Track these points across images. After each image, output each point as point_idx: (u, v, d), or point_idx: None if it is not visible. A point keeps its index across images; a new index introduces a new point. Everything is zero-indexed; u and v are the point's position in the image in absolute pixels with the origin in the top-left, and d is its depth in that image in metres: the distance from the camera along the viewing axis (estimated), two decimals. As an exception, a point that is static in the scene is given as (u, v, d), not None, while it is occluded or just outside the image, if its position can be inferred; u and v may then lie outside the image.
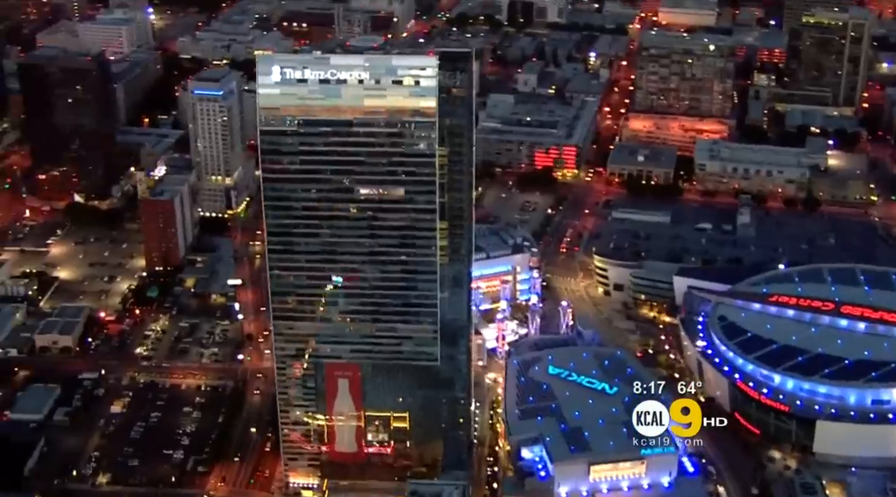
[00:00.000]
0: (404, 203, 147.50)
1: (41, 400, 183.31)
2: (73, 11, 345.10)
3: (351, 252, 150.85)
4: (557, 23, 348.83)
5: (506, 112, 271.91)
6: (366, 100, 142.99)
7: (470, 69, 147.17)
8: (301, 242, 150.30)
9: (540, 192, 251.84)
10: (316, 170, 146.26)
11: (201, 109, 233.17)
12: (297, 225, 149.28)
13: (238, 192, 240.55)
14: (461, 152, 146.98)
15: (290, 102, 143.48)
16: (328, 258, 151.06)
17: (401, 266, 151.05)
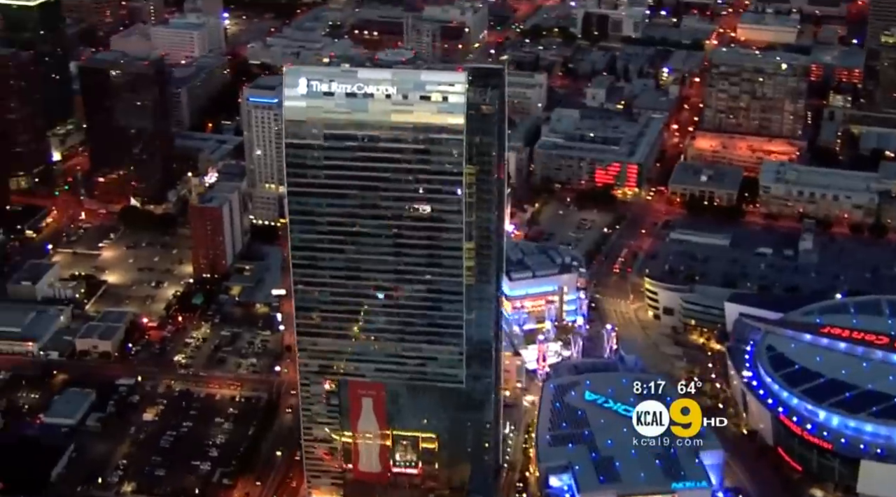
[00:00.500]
0: (430, 221, 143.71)
1: (76, 404, 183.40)
2: (149, 15, 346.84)
3: (376, 269, 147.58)
4: (632, 37, 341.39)
5: (569, 127, 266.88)
6: (393, 115, 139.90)
7: (502, 86, 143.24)
8: (326, 258, 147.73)
9: (598, 209, 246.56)
10: (341, 185, 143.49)
11: (256, 117, 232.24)
12: (322, 240, 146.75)
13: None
14: (490, 171, 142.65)
15: (316, 115, 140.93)
16: (352, 275, 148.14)
17: (426, 285, 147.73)
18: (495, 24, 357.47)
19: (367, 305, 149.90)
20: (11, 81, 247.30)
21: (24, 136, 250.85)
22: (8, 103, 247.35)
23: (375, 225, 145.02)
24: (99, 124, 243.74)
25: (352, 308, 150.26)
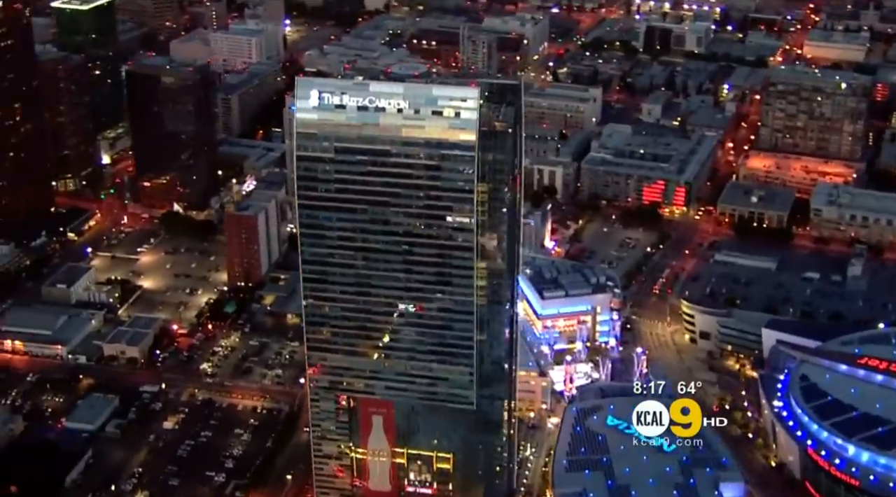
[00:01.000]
0: (441, 239, 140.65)
1: (98, 410, 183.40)
2: (210, 20, 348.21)
3: (386, 286, 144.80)
4: (695, 52, 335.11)
5: (620, 143, 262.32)
6: (404, 130, 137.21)
7: (518, 103, 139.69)
8: (336, 273, 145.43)
9: (643, 228, 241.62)
10: (351, 199, 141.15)
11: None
12: (332, 255, 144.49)
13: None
14: (503, 190, 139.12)
15: (327, 128, 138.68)
16: (363, 291, 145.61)
17: (436, 304, 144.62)
18: (557, 36, 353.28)
19: (376, 322, 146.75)
20: (61, 84, 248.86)
21: (72, 138, 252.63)
22: (57, 106, 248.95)
23: (386, 241, 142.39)
24: (144, 129, 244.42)
25: (362, 324, 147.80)
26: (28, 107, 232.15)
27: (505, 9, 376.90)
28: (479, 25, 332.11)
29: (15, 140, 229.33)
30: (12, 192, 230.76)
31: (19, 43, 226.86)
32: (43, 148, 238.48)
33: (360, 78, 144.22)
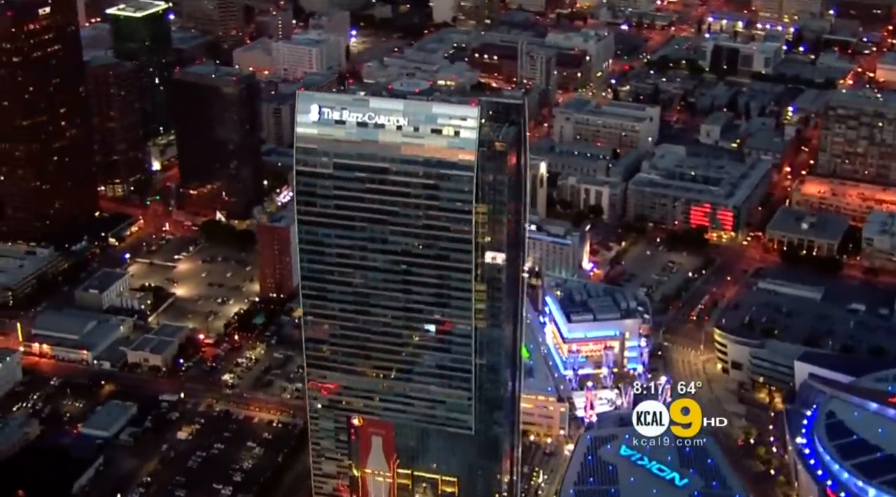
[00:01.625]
0: (439, 259, 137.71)
1: (114, 417, 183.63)
2: (276, 30, 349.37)
3: (384, 305, 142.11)
4: (762, 73, 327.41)
5: (671, 164, 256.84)
6: (403, 147, 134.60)
7: (522, 122, 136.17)
8: (335, 290, 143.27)
9: (688, 252, 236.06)
10: (350, 216, 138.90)
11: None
12: (331, 272, 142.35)
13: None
14: (502, 211, 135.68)
15: (326, 143, 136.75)
16: (361, 309, 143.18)
17: (434, 326, 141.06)
18: (623, 54, 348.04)
19: (376, 342, 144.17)
20: (112, 90, 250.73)
21: (122, 144, 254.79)
22: (107, 112, 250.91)
23: (384, 259, 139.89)
24: (189, 137, 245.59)
25: (360, 344, 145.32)
26: (74, 112, 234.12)
27: (573, 24, 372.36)
28: (539, 40, 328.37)
29: (60, 144, 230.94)
30: (56, 196, 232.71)
31: (67, 48, 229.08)
32: (89, 153, 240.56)
33: (362, 93, 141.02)
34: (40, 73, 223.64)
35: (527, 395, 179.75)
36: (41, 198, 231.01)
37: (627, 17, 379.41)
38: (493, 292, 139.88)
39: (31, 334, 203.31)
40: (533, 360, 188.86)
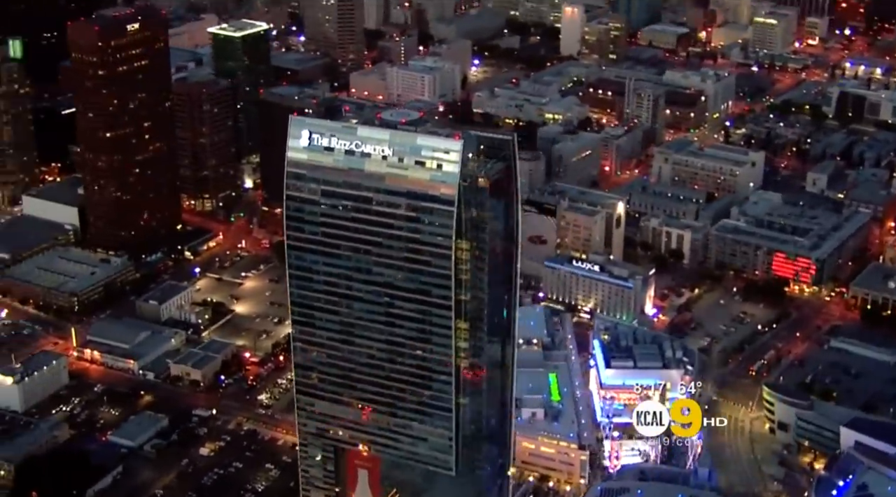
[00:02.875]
0: (420, 294, 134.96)
1: (144, 427, 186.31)
2: (398, 56, 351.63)
3: (368, 337, 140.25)
4: (888, 122, 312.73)
5: (761, 211, 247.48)
6: (388, 178, 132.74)
7: (511, 158, 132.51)
8: (322, 318, 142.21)
9: (764, 303, 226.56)
10: (336, 244, 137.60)
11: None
12: (319, 299, 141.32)
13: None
14: (484, 248, 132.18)
15: (315, 169, 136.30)
16: (347, 339, 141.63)
17: (416, 360, 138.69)
18: (746, 96, 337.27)
19: (360, 373, 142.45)
20: (204, 107, 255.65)
21: (212, 160, 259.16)
22: (199, 128, 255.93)
23: (368, 290, 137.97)
24: (272, 156, 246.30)
25: (346, 373, 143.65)
26: (159, 126, 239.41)
27: (702, 63, 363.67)
28: (657, 78, 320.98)
29: (143, 157, 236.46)
30: (137, 207, 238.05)
31: (154, 64, 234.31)
32: (173, 167, 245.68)
33: (354, 121, 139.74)
34: (125, 87, 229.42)
35: (549, 439, 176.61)
36: (122, 208, 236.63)
37: (760, 59, 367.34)
38: (475, 331, 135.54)
39: (85, 340, 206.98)
40: (563, 403, 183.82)
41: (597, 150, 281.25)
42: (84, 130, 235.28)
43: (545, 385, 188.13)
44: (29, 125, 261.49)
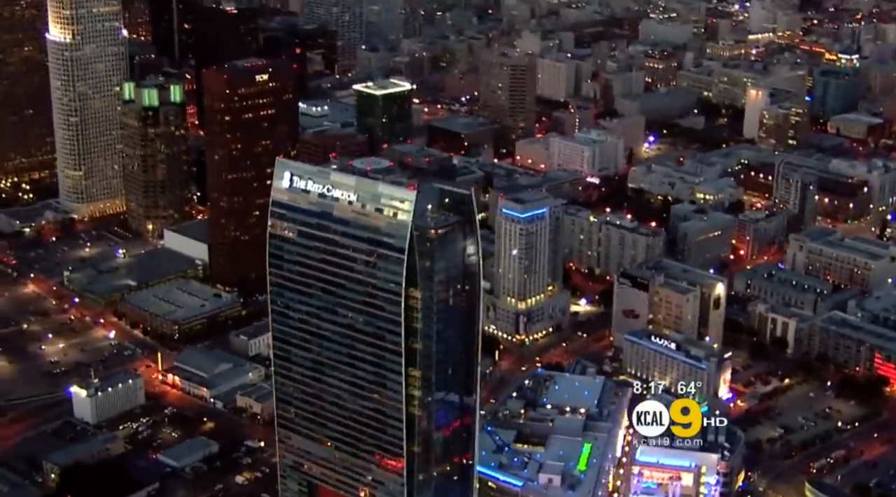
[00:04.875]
0: (376, 338, 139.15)
1: (193, 451, 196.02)
2: (571, 127, 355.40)
3: (335, 376, 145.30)
4: None
5: (879, 307, 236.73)
6: (352, 222, 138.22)
7: (470, 213, 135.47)
8: (297, 354, 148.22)
9: (856, 401, 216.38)
10: (309, 283, 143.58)
11: (506, 228, 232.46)
12: (294, 335, 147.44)
13: (531, 320, 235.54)
14: (438, 298, 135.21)
15: (293, 210, 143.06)
16: (316, 376, 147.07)
17: (374, 403, 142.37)
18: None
19: (328, 411, 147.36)
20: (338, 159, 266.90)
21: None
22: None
23: (333, 331, 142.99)
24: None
25: (317, 410, 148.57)
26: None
27: (892, 156, 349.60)
28: (812, 163, 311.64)
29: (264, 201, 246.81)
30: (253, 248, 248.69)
31: (281, 113, 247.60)
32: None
33: (333, 167, 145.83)
34: (250, 132, 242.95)
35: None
36: (241, 248, 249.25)
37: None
38: (425, 382, 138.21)
39: (171, 366, 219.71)
40: (586, 474, 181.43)
41: (728, 231, 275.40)
42: (211, 171, 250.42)
43: (577, 454, 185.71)
44: (182, 165, 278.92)
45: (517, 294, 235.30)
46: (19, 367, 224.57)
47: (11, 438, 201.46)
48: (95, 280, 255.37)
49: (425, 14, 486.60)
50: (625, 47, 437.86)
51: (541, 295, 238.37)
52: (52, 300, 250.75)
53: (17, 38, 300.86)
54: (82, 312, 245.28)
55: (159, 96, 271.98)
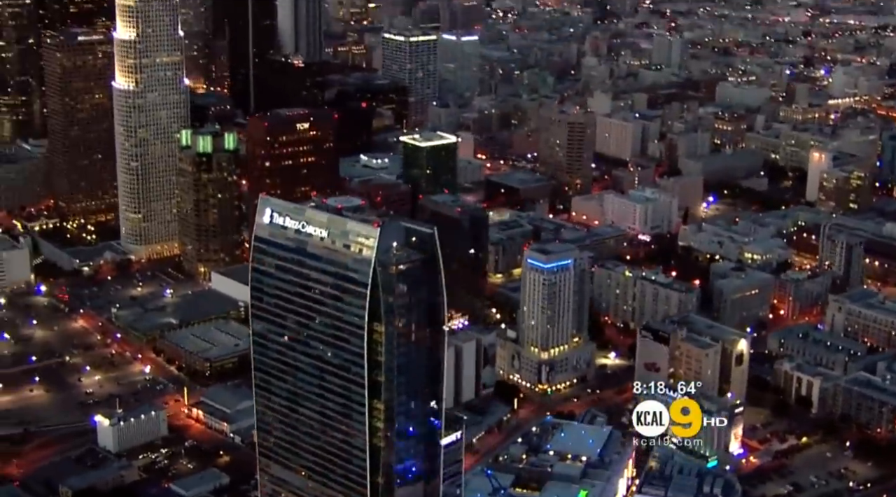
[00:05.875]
0: (342, 370, 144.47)
1: (204, 482, 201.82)
2: (630, 185, 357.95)
3: (307, 406, 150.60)
4: None
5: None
6: (323, 258, 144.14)
7: (434, 250, 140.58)
8: (275, 383, 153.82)
9: (874, 462, 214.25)
10: (284, 315, 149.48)
11: (530, 278, 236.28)
12: (273, 366, 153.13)
13: (554, 370, 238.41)
14: (401, 334, 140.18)
15: (273, 245, 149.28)
16: (292, 407, 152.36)
17: (342, 435, 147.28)
18: None
19: (302, 441, 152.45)
20: (383, 207, 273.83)
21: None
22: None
23: (306, 362, 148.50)
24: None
25: (292, 440, 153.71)
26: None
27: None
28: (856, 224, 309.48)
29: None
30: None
31: (321, 160, 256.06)
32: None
33: (312, 204, 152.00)
34: (289, 178, 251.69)
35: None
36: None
37: None
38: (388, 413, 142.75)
39: (197, 401, 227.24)
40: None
41: (766, 290, 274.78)
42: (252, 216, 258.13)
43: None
44: (234, 210, 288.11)
45: (540, 344, 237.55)
46: (55, 397, 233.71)
47: (36, 463, 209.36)
48: (140, 317, 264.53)
49: (503, 74, 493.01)
50: (696, 109, 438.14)
51: (564, 345, 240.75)
52: (98, 335, 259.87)
53: (89, 86, 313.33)
54: (123, 347, 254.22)
55: (213, 143, 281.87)
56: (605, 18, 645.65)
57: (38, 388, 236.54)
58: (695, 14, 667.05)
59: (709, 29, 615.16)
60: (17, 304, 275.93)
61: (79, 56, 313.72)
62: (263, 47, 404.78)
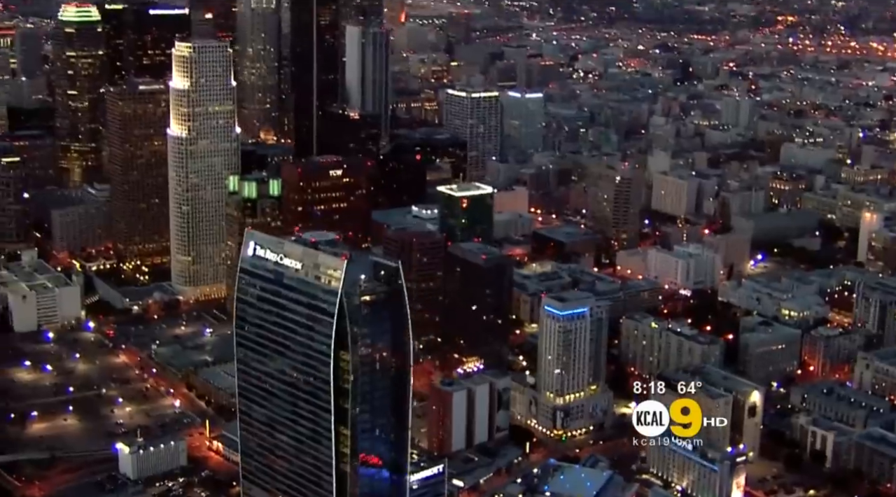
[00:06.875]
0: (312, 397, 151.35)
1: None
2: (678, 241, 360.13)
3: (282, 432, 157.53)
4: None
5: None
6: (297, 289, 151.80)
7: (399, 284, 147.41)
8: (256, 409, 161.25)
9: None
10: (263, 344, 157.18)
11: (547, 325, 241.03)
12: (254, 392, 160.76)
13: (570, 416, 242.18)
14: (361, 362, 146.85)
15: (255, 277, 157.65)
16: (269, 431, 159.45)
17: (312, 460, 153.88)
18: None
19: (279, 465, 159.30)
20: (415, 255, 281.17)
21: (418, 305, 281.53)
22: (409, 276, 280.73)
23: (280, 389, 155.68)
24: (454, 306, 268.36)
25: (270, 464, 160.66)
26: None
27: None
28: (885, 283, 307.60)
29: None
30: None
31: (353, 206, 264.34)
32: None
33: (293, 238, 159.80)
34: (322, 223, 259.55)
35: None
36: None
37: None
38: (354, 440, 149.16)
39: (219, 434, 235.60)
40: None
41: (793, 345, 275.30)
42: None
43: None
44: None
45: (556, 389, 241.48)
46: (86, 426, 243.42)
47: (59, 486, 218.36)
48: (178, 354, 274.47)
49: (569, 131, 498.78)
50: (755, 168, 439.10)
51: (581, 393, 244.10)
52: (136, 370, 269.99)
53: (148, 133, 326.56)
54: (158, 382, 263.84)
55: (258, 189, 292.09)
56: (686, 80, 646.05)
57: (72, 417, 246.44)
58: (777, 77, 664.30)
59: (788, 91, 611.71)
60: (65, 339, 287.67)
61: (139, 104, 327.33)
62: (327, 101, 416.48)
